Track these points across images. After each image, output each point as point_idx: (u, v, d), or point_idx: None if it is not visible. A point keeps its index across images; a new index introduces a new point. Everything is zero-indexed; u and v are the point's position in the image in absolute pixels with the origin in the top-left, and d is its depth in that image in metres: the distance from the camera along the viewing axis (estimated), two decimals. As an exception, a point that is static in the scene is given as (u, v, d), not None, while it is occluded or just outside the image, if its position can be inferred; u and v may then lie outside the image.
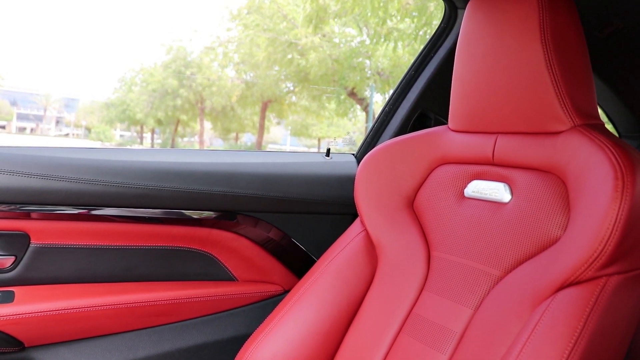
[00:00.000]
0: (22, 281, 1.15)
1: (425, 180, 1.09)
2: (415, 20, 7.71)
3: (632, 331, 0.76)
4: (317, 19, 8.97)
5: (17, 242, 1.14)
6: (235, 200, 1.27)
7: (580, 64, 0.89)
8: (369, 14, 8.00)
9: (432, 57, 1.45)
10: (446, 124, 1.08)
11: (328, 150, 1.47)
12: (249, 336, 1.08)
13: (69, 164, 1.14)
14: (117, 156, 1.21)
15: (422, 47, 1.49)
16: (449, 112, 1.05)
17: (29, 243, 1.14)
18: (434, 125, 1.30)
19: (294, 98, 14.19)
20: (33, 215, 1.12)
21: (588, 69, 0.90)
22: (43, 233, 1.15)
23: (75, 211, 1.15)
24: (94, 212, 1.16)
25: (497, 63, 0.92)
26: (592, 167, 0.77)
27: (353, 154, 1.52)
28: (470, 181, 1.01)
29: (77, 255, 1.19)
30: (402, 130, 1.45)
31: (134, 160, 1.21)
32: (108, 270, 1.22)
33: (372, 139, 1.51)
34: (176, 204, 1.22)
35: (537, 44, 0.86)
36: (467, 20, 0.99)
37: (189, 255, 1.29)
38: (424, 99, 1.44)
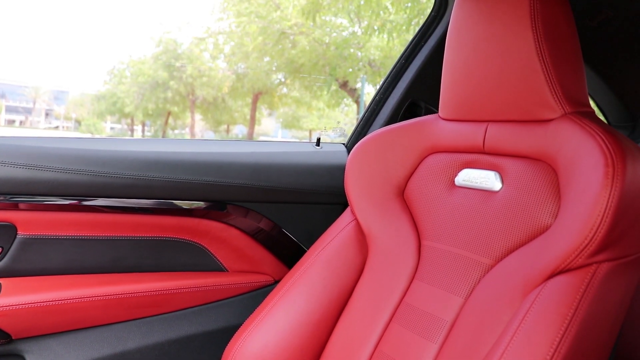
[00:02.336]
0: (9, 272, 1.14)
1: (415, 169, 1.08)
2: (407, 11, 7.70)
3: (622, 318, 0.77)
4: (314, 11, 8.96)
5: (4, 233, 1.12)
6: (224, 190, 1.26)
7: (571, 51, 0.88)
8: (362, 3, 7.99)
9: (422, 46, 1.45)
10: (437, 113, 1.08)
11: (318, 139, 1.47)
12: (240, 327, 1.08)
13: (56, 154, 1.13)
14: (105, 146, 1.20)
15: (412, 36, 1.48)
16: (440, 101, 1.04)
17: (16, 234, 1.13)
18: (425, 114, 1.30)
19: (284, 90, 14.18)
20: (20, 205, 1.11)
21: (579, 56, 0.90)
22: (30, 224, 1.13)
23: (63, 202, 1.14)
24: (82, 203, 1.15)
25: (487, 51, 0.91)
26: (582, 155, 0.77)
27: (343, 144, 1.51)
28: (460, 170, 1.00)
29: (65, 246, 1.18)
30: (392, 119, 1.44)
31: (122, 150, 1.20)
32: (97, 261, 1.21)
33: (363, 129, 1.50)
34: (165, 194, 1.21)
35: (527, 31, 0.85)
36: (457, 8, 0.98)
37: (179, 245, 1.28)
38: (414, 88, 1.44)
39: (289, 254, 1.38)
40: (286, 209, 1.36)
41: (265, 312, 1.06)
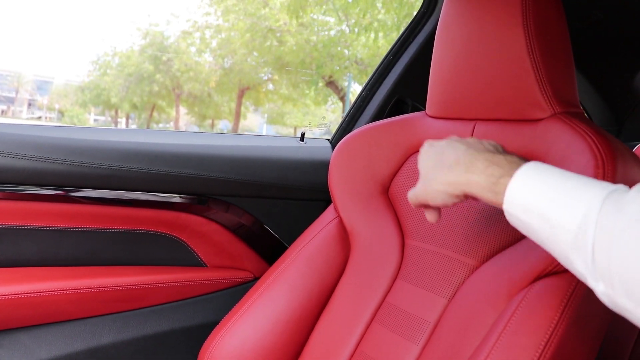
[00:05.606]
0: None
1: (401, 166, 1.06)
2: (397, 11, 7.72)
3: (608, 322, 0.75)
4: (298, 9, 8.96)
5: None
6: (205, 183, 1.23)
7: (563, 51, 0.87)
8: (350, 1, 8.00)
9: (410, 43, 1.43)
10: (424, 110, 1.06)
11: (302, 134, 1.44)
12: (218, 323, 1.05)
13: (32, 142, 1.09)
14: (83, 135, 1.17)
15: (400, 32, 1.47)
16: (427, 98, 1.02)
17: None
18: (411, 112, 1.28)
19: (271, 86, 14.17)
20: None
21: (570, 56, 0.88)
22: (3, 213, 1.10)
23: (39, 191, 1.10)
24: (58, 193, 1.12)
25: (477, 48, 0.90)
26: (572, 155, 0.75)
27: (328, 139, 1.49)
28: None
29: (40, 237, 1.14)
30: (378, 116, 1.42)
31: (101, 139, 1.16)
32: (72, 254, 1.18)
33: (348, 125, 1.48)
34: (144, 186, 1.18)
35: (518, 29, 0.84)
36: (447, 4, 0.97)
37: (157, 239, 1.26)
38: (401, 85, 1.42)
39: (270, 250, 1.36)
40: (268, 204, 1.33)
41: (245, 308, 1.04)
